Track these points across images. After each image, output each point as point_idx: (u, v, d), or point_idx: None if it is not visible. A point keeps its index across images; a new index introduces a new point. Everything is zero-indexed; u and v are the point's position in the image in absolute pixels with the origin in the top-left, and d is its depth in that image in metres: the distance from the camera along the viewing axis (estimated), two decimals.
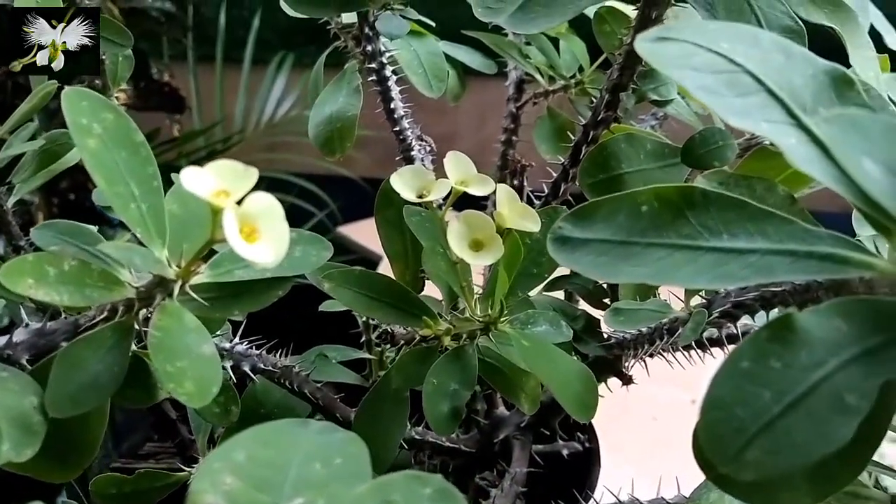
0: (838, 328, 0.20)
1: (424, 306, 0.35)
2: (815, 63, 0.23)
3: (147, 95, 1.21)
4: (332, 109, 0.52)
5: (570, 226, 0.27)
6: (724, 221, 0.25)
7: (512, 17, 0.33)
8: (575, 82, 0.56)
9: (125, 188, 0.26)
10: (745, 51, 0.23)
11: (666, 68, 0.23)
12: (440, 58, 0.53)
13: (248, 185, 0.24)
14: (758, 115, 0.22)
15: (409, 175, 0.31)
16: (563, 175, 0.48)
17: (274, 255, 0.24)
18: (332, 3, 0.46)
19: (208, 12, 1.57)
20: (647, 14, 0.40)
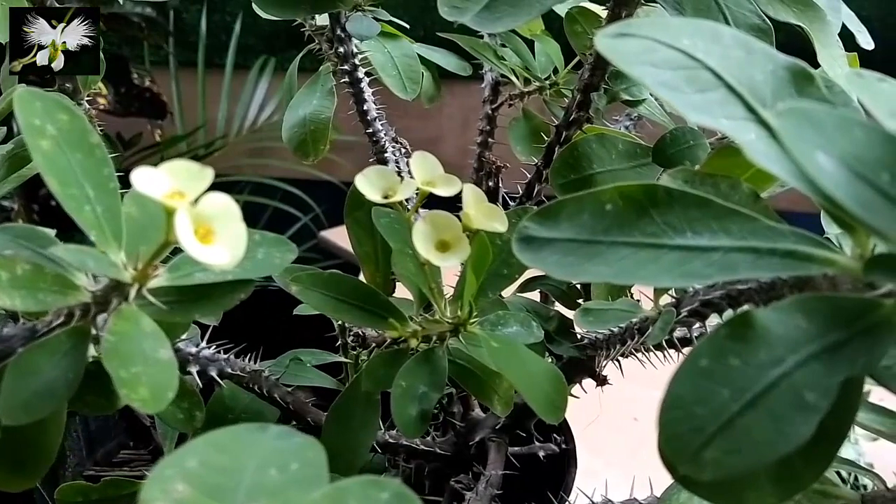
0: (798, 325, 0.20)
1: (393, 308, 0.34)
2: (776, 58, 0.23)
3: (128, 101, 1.20)
4: (306, 112, 0.52)
5: (535, 225, 0.27)
6: (688, 219, 0.25)
7: (477, 16, 0.32)
8: (550, 84, 0.56)
9: (79, 190, 0.26)
10: (705, 46, 0.23)
11: (625, 64, 0.22)
12: (414, 60, 0.52)
13: (203, 186, 0.24)
14: (717, 112, 0.22)
15: (374, 176, 0.31)
16: (536, 176, 0.48)
17: (230, 256, 0.23)
18: (302, 5, 0.45)
19: (190, 17, 1.57)
20: (617, 13, 0.40)
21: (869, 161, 0.17)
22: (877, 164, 0.17)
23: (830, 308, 0.21)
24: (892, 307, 0.21)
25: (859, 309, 0.21)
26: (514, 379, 0.31)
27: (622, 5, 0.40)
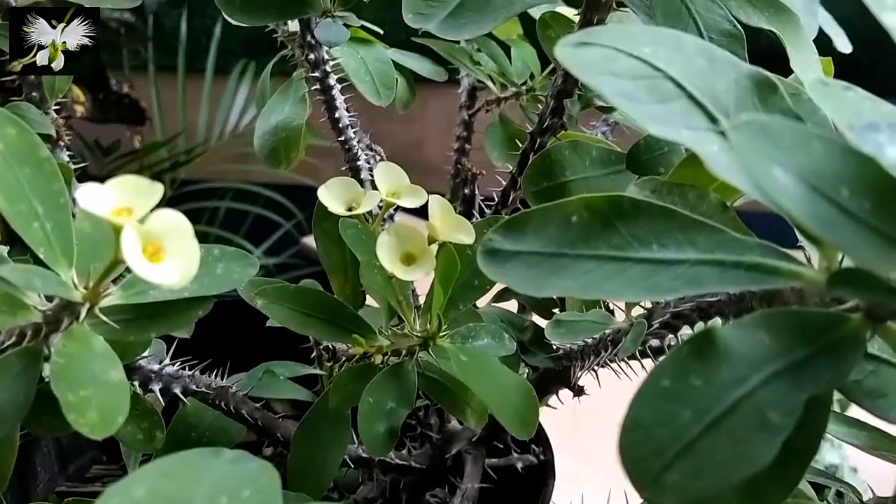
0: (762, 342, 0.20)
1: (361, 322, 0.34)
2: (739, 68, 0.23)
3: (106, 107, 1.19)
4: (278, 119, 0.51)
5: (500, 238, 0.26)
6: (654, 231, 0.25)
7: (442, 23, 0.32)
8: (526, 89, 0.55)
9: (27, 206, 0.25)
10: (667, 55, 0.23)
11: (584, 74, 0.22)
12: (388, 65, 0.51)
13: (152, 202, 0.23)
14: (679, 122, 0.21)
15: (337, 187, 0.30)
16: (511, 183, 0.47)
17: (181, 275, 0.22)
18: (270, 11, 0.44)
19: (169, 22, 1.55)
20: (588, 18, 0.40)
21: (827, 175, 0.17)
22: (836, 179, 0.17)
23: (795, 323, 0.20)
24: (858, 322, 0.21)
25: (824, 324, 0.20)
26: (482, 394, 0.30)
27: (593, 10, 0.39)
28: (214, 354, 0.42)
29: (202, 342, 0.40)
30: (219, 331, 0.42)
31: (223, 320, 0.38)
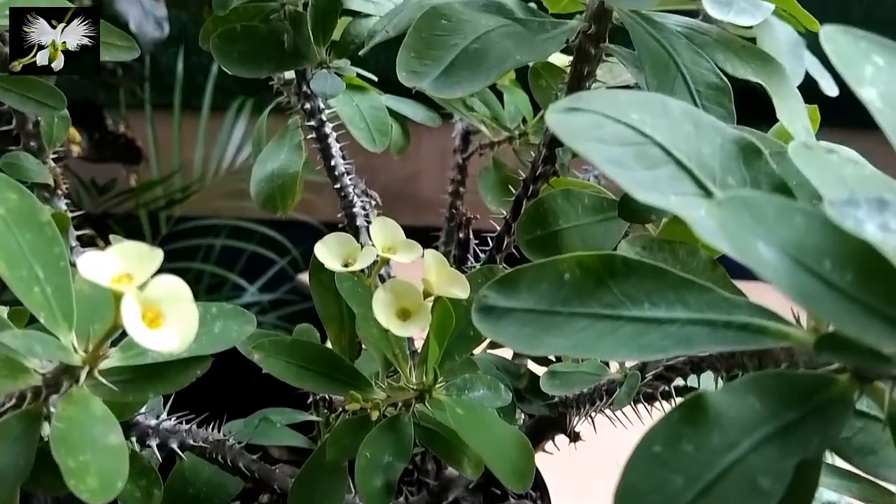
0: (752, 406, 0.20)
1: (357, 375, 0.34)
2: (724, 132, 0.23)
3: (102, 147, 1.20)
4: (274, 166, 0.52)
5: (494, 294, 0.27)
6: (646, 290, 0.25)
7: (435, 81, 0.32)
8: (519, 133, 0.56)
9: (28, 271, 0.25)
10: (653, 121, 0.23)
11: (573, 141, 0.22)
12: (383, 112, 0.52)
13: (153, 268, 0.23)
14: (667, 188, 0.22)
15: (334, 243, 0.31)
16: (505, 229, 0.48)
17: (180, 340, 0.23)
18: (266, 63, 0.45)
19: (166, 60, 1.57)
20: (579, 70, 0.40)
21: (810, 248, 0.17)
22: (818, 252, 0.17)
23: (783, 386, 0.21)
24: (845, 383, 0.21)
25: (812, 386, 0.21)
26: (478, 447, 0.31)
27: (584, 61, 0.40)
28: (211, 401, 0.42)
29: (198, 390, 0.40)
30: (215, 377, 0.42)
31: (219, 365, 0.38)
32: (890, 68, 0.20)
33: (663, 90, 0.35)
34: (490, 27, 0.34)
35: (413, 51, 0.33)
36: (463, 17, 0.34)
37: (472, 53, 0.33)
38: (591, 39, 0.39)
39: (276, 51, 0.46)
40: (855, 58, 0.20)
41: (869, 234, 0.16)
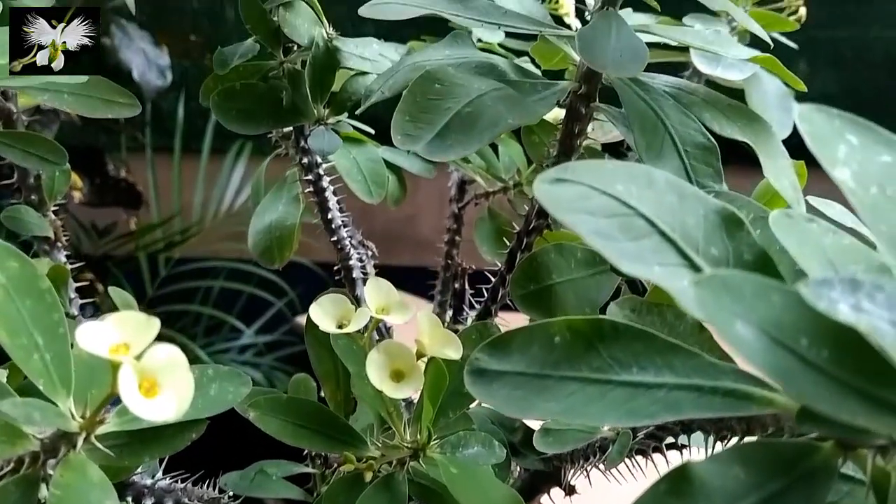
0: (737, 476, 0.20)
1: (352, 433, 0.34)
2: (707, 203, 0.24)
3: (103, 192, 1.21)
4: (272, 218, 0.53)
5: (486, 357, 0.27)
6: (634, 354, 0.26)
7: (429, 144, 0.33)
8: (514, 184, 0.57)
9: (28, 339, 0.26)
10: (639, 192, 0.24)
11: (560, 213, 0.23)
12: (379, 164, 0.53)
13: (150, 338, 0.24)
14: (651, 259, 0.23)
15: (328, 304, 0.31)
16: (500, 280, 0.48)
17: (175, 409, 0.23)
18: (264, 121, 0.46)
19: (167, 104, 1.59)
20: (570, 127, 0.41)
21: (787, 326, 0.18)
22: (795, 329, 0.18)
23: (768, 455, 0.21)
24: (829, 450, 0.21)
25: (796, 454, 0.21)
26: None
27: (575, 120, 0.41)
28: (207, 456, 0.42)
29: (194, 446, 0.40)
30: (212, 430, 0.42)
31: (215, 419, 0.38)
32: (863, 147, 0.20)
33: (652, 150, 0.36)
34: (482, 91, 0.35)
35: (407, 114, 0.34)
36: (456, 81, 0.35)
37: (465, 117, 0.34)
38: (582, 99, 0.40)
39: (274, 108, 0.47)
40: (829, 137, 0.20)
41: (843, 316, 0.17)
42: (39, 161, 0.48)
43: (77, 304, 0.54)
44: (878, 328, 0.17)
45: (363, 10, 0.39)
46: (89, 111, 0.47)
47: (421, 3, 0.39)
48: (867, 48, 1.48)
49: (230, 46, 0.47)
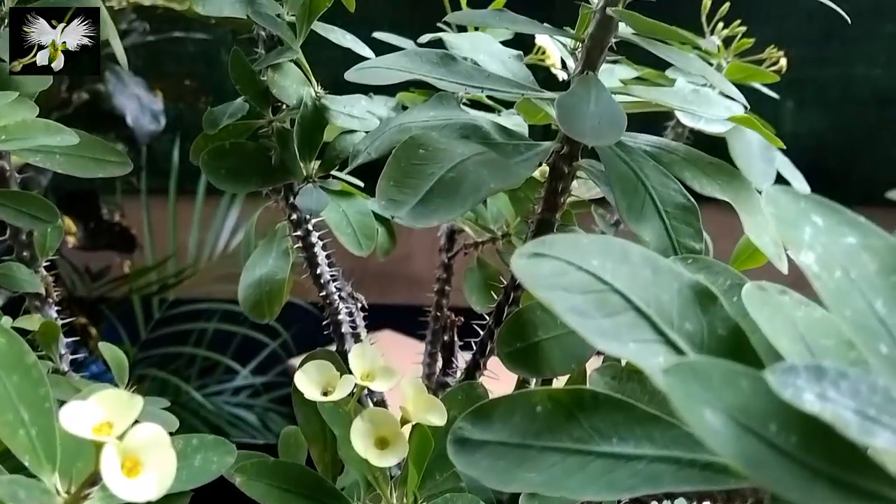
0: None
1: (339, 497, 0.34)
2: (681, 277, 0.25)
3: (97, 236, 1.21)
4: (262, 272, 0.53)
5: (469, 426, 0.28)
6: (614, 424, 0.26)
7: (413, 210, 0.34)
8: (502, 234, 0.58)
9: (14, 415, 0.26)
10: (613, 268, 0.24)
11: (537, 289, 0.24)
12: (369, 216, 0.54)
13: (132, 416, 0.24)
14: (626, 336, 0.23)
15: (313, 371, 0.32)
16: (488, 334, 0.49)
17: (157, 488, 0.23)
18: (254, 180, 0.47)
19: (162, 146, 1.60)
20: (554, 185, 0.42)
21: (756, 412, 0.18)
22: (763, 415, 0.18)
23: None
24: None
25: None
26: None
27: (558, 178, 0.42)
28: None
29: None
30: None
31: None
32: (828, 229, 0.21)
33: (633, 212, 0.37)
34: (465, 155, 0.36)
35: (392, 180, 0.35)
36: (439, 146, 0.36)
37: (448, 182, 0.35)
38: (565, 159, 0.41)
39: (263, 166, 0.48)
40: (795, 219, 0.21)
41: (808, 405, 0.17)
42: (31, 219, 0.49)
43: (68, 360, 0.54)
44: (842, 417, 0.17)
45: (349, 74, 0.40)
46: (81, 171, 0.47)
47: (405, 67, 0.40)
48: (853, 86, 1.51)
49: (220, 106, 0.48)
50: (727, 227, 0.40)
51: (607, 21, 0.36)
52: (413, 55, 0.40)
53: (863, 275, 0.20)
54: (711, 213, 0.40)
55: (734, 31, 0.60)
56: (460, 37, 0.44)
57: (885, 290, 0.20)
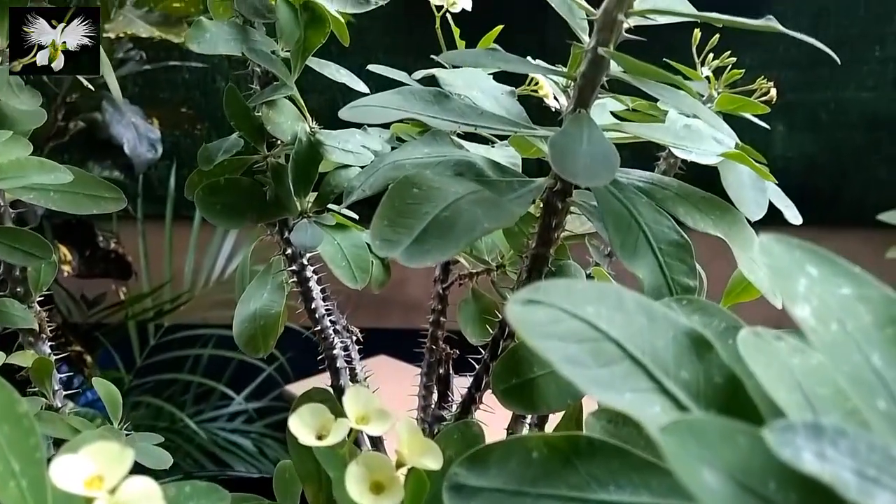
0: None
1: None
2: (676, 324, 0.24)
3: (93, 263, 1.21)
4: (257, 306, 0.53)
5: (464, 472, 0.27)
6: (611, 471, 0.26)
7: (407, 250, 0.34)
8: (497, 265, 0.58)
9: (5, 466, 0.26)
10: (609, 315, 0.24)
11: (531, 338, 0.23)
12: (363, 249, 0.54)
13: (124, 470, 0.24)
14: (622, 386, 0.23)
15: (307, 415, 0.31)
16: (484, 368, 0.48)
17: None
18: (248, 215, 0.47)
19: (158, 172, 1.61)
20: (548, 221, 0.42)
21: (754, 470, 0.18)
22: (762, 472, 0.18)
23: None
24: None
25: None
26: None
27: (552, 214, 0.42)
28: None
29: None
30: None
31: None
32: (823, 279, 0.21)
33: (627, 249, 0.37)
34: (459, 194, 0.36)
35: (386, 219, 0.35)
36: (433, 185, 0.36)
37: (442, 222, 0.35)
38: (558, 195, 0.41)
39: (258, 202, 0.48)
40: (789, 270, 0.21)
41: (807, 465, 0.17)
42: (25, 256, 0.49)
43: (61, 396, 0.54)
44: (842, 477, 0.17)
45: (343, 113, 0.40)
46: (75, 208, 0.47)
47: (399, 105, 0.40)
48: (843, 109, 1.52)
49: (215, 142, 0.48)
50: (720, 248, 0.40)
51: (599, 60, 0.36)
52: (407, 93, 0.41)
53: (859, 327, 0.20)
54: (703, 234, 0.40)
55: (724, 61, 0.60)
56: (453, 73, 0.44)
57: (881, 343, 0.19)
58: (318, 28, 0.48)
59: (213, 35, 0.45)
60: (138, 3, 1.14)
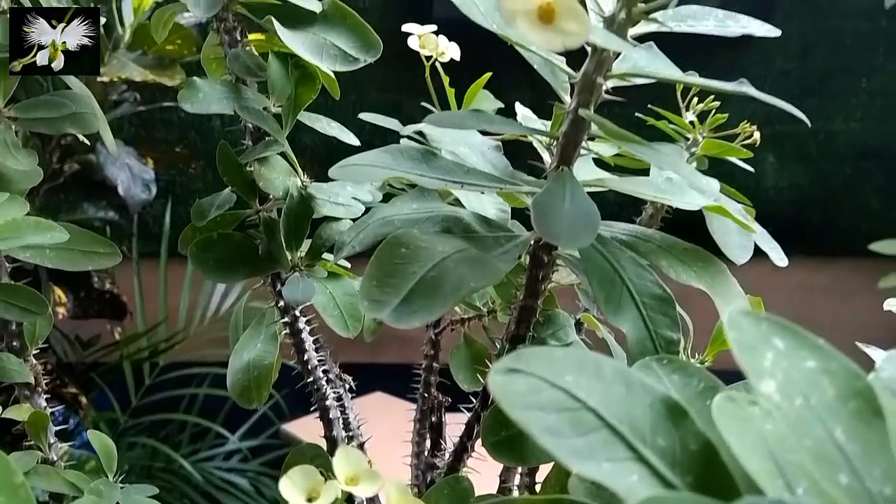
0: None
1: None
2: (653, 392, 0.25)
3: (87, 304, 1.22)
4: (250, 357, 0.53)
5: None
6: None
7: (395, 310, 0.35)
8: (488, 311, 0.58)
9: None
10: (587, 384, 0.25)
11: (512, 410, 0.24)
12: (356, 298, 0.54)
13: None
14: (600, 455, 0.24)
15: (297, 477, 0.32)
16: (475, 417, 0.49)
17: None
18: (241, 270, 0.48)
19: (154, 211, 1.62)
20: (534, 274, 0.43)
21: None
22: None
23: None
24: None
25: None
26: None
27: (538, 267, 0.43)
28: None
29: None
30: None
31: None
32: (789, 353, 0.22)
33: (611, 303, 0.38)
34: (446, 253, 0.37)
35: (374, 279, 0.36)
36: (420, 245, 0.37)
37: (429, 282, 0.35)
38: (544, 249, 0.41)
39: (250, 257, 0.48)
40: (756, 344, 0.22)
41: None
42: (21, 311, 0.49)
43: (56, 449, 0.54)
44: None
45: (333, 172, 0.41)
46: (71, 265, 0.48)
47: (387, 164, 0.41)
48: (831, 140, 1.54)
49: (208, 198, 0.49)
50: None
51: (580, 121, 0.38)
52: (395, 152, 0.42)
53: (822, 401, 0.21)
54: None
55: (709, 105, 0.61)
56: (442, 129, 0.45)
57: (844, 418, 0.20)
58: (308, 85, 0.50)
59: (205, 95, 0.46)
60: (132, 46, 1.16)
